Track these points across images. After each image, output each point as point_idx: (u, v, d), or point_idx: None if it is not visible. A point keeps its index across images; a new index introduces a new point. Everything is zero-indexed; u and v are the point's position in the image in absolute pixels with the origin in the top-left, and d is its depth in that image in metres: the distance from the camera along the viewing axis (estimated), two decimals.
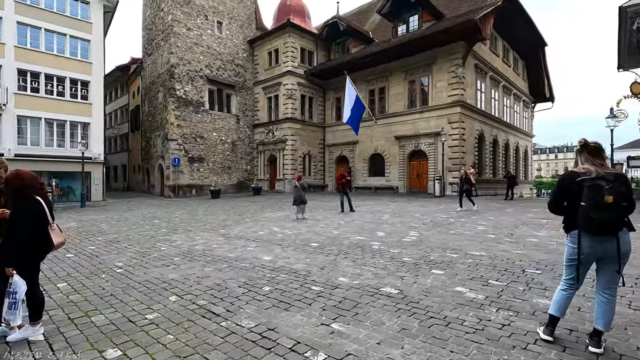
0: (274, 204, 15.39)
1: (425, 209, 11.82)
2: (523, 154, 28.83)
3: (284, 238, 7.13)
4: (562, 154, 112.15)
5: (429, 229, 7.73)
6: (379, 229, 8.00)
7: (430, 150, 20.44)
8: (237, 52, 26.03)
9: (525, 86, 29.26)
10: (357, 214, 10.89)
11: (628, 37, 18.95)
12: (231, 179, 25.51)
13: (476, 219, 9.16)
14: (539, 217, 9.40)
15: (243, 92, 26.45)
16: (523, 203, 14.07)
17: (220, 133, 24.76)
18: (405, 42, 20.26)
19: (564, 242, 5.25)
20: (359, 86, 23.72)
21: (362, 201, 15.55)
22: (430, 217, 9.86)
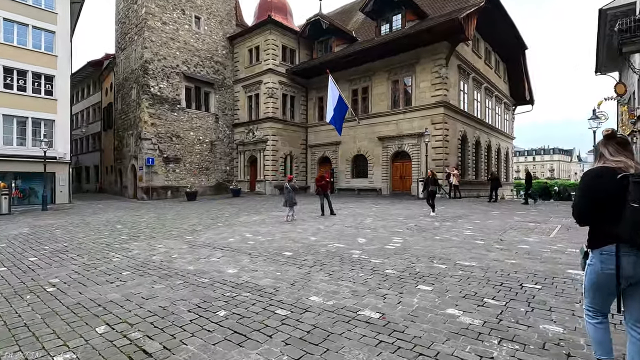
0: (252, 206, 14.63)
1: (409, 212, 11.34)
2: (504, 155, 29.01)
3: (255, 246, 6.43)
4: (540, 157, 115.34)
5: (413, 235, 7.19)
6: (360, 234, 7.41)
7: (413, 152, 20.11)
8: (216, 49, 25.10)
9: (506, 88, 29.48)
10: (338, 218, 10.29)
11: (607, 40, 19.16)
12: (209, 181, 24.53)
13: (463, 223, 8.71)
14: (526, 220, 9.04)
15: (222, 91, 25.52)
16: (507, 205, 13.82)
17: (197, 132, 23.76)
18: (389, 40, 19.88)
19: (557, 250, 4.76)
20: (341, 86, 23.23)
21: (344, 203, 14.99)
22: (415, 220, 9.36)
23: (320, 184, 11.06)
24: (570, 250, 5.46)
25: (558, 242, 6.05)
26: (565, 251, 5.39)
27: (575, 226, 7.85)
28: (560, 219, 9.11)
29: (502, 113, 28.48)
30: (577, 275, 4.11)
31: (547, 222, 8.57)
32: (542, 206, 13.54)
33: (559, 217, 9.68)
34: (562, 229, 7.55)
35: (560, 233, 7.02)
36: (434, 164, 19.24)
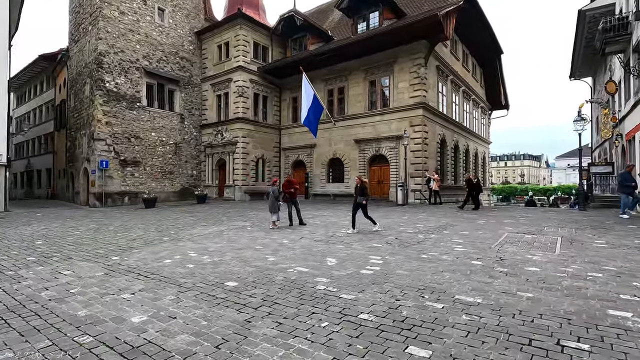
0: (214, 214, 13.02)
1: (389, 221, 10.14)
2: (481, 160, 28.67)
3: (194, 271, 4.95)
4: (511, 162, 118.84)
5: (394, 252, 5.93)
6: (330, 252, 6.07)
7: (391, 155, 19.09)
8: (182, 44, 23.31)
9: (482, 93, 29.24)
10: (307, 229, 8.93)
11: (585, 42, 18.96)
12: (174, 186, 22.58)
13: (449, 235, 7.55)
14: (519, 230, 8.01)
15: (189, 89, 23.71)
16: (491, 212, 12.91)
17: (160, 133, 21.82)
18: (366, 38, 18.85)
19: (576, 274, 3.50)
20: (316, 85, 22.00)
21: (317, 210, 13.65)
22: (395, 232, 8.14)
23: (287, 191, 9.69)
24: (592, 274, 4.34)
25: (570, 263, 4.94)
26: (586, 276, 4.26)
27: (577, 238, 6.85)
28: (556, 229, 8.14)
29: (479, 117, 28.16)
30: (629, 321, 2.93)
31: (543, 233, 7.56)
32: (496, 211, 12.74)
33: (552, 226, 8.73)
34: (564, 242, 6.51)
35: (565, 248, 5.96)
36: (412, 167, 18.31)
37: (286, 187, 9.75)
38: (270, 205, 9.42)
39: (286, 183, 9.85)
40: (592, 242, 6.42)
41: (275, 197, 9.38)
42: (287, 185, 9.78)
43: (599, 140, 20.69)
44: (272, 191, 9.49)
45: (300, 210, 9.86)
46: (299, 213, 9.81)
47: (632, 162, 12.86)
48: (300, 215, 9.82)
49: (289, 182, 9.88)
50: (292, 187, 9.74)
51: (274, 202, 9.38)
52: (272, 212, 9.40)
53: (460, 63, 23.69)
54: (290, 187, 9.73)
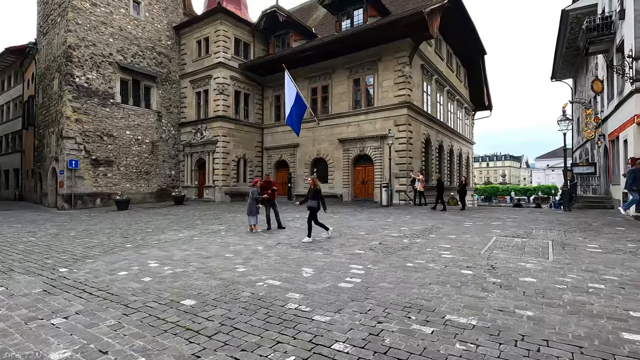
0: (189, 217, 12.28)
1: (372, 223, 9.67)
2: (465, 160, 28.68)
3: (149, 286, 4.32)
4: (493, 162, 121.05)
5: (378, 260, 5.43)
6: (308, 260, 5.52)
7: (376, 155, 18.70)
8: (160, 39, 22.33)
9: (466, 93, 29.27)
10: (286, 233, 8.36)
11: (567, 43, 19.04)
12: (150, 186, 21.58)
13: (436, 239, 7.11)
14: (507, 233, 7.65)
15: (167, 85, 22.74)
16: (476, 213, 12.62)
17: (136, 131, 20.79)
18: (350, 34, 18.38)
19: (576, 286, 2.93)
20: (300, 84, 21.44)
21: (299, 213, 13.07)
22: (379, 236, 7.65)
23: (266, 192, 9.08)
24: (594, 285, 3.93)
25: (567, 271, 4.53)
26: (587, 288, 3.85)
27: (569, 242, 6.52)
28: (545, 232, 7.82)
29: (463, 117, 28.16)
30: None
31: (533, 237, 7.21)
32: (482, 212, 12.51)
33: (540, 228, 8.42)
34: (556, 246, 6.16)
35: (558, 254, 5.59)
36: (397, 168, 17.95)
37: (264, 188, 9.15)
38: (249, 207, 8.84)
39: (264, 184, 9.25)
40: (584, 247, 6.08)
41: (254, 199, 8.78)
42: (265, 186, 9.19)
43: (580, 141, 20.86)
44: (252, 193, 8.88)
45: (279, 213, 9.28)
46: (278, 216, 9.22)
47: (615, 162, 12.81)
48: (279, 219, 9.23)
49: (267, 182, 9.28)
50: (270, 189, 9.16)
51: (252, 204, 8.80)
52: (250, 214, 8.82)
53: (444, 63, 23.55)
54: (268, 189, 9.14)
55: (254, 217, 8.82)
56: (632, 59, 10.01)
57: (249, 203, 8.89)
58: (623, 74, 10.26)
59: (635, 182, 8.76)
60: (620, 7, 11.12)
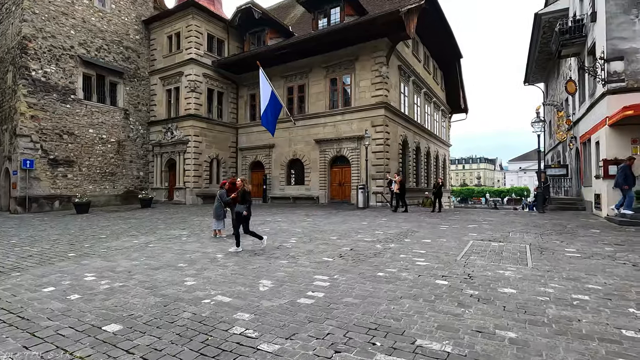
0: (152, 221, 11.43)
1: (346, 227, 9.20)
2: (442, 163, 28.83)
3: (72, 306, 3.63)
4: (468, 165, 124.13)
5: (346, 268, 4.93)
6: (269, 269, 4.96)
7: (353, 156, 18.32)
8: (127, 32, 21.18)
9: (443, 96, 29.48)
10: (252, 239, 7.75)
11: (540, 47, 19.34)
12: (116, 188, 20.36)
13: (410, 244, 6.70)
14: (484, 237, 7.35)
15: (135, 82, 21.59)
16: (453, 216, 12.40)
17: (100, 130, 19.56)
18: (327, 33, 17.97)
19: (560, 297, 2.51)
20: (276, 83, 20.84)
21: (272, 215, 12.46)
22: (351, 241, 7.18)
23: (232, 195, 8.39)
24: (578, 297, 3.57)
25: (548, 280, 4.18)
26: (572, 301, 3.48)
27: (546, 246, 6.25)
28: (522, 235, 7.57)
29: (439, 120, 28.31)
30: None
31: (509, 240, 6.93)
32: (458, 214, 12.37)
33: (516, 231, 8.19)
34: (534, 251, 5.86)
35: (537, 259, 5.27)
36: (374, 169, 17.64)
37: (231, 190, 8.48)
38: (215, 211, 8.20)
39: (230, 186, 8.59)
40: (562, 251, 5.82)
41: (222, 202, 8.14)
42: (232, 188, 8.52)
43: (552, 144, 21.25)
44: (220, 195, 8.22)
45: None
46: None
47: (587, 164, 12.93)
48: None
49: (233, 184, 8.62)
50: (236, 191, 8.49)
51: (219, 207, 8.17)
52: (217, 218, 8.19)
53: (421, 65, 23.53)
54: (234, 191, 8.47)
55: (220, 222, 8.19)
56: (603, 60, 10.03)
57: (215, 206, 8.25)
58: (595, 75, 10.27)
59: (627, 179, 8.66)
60: (592, 9, 11.20)
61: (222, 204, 8.08)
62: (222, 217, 8.12)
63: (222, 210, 8.08)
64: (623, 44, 9.86)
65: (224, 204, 8.11)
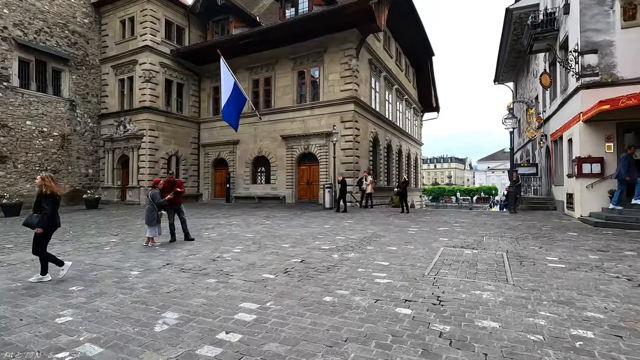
0: (86, 225, 9.90)
1: (305, 231, 8.16)
2: (414, 161, 28.43)
3: None
4: (440, 164, 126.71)
5: (286, 291, 3.88)
6: (185, 295, 3.83)
7: (321, 153, 17.33)
8: (74, 15, 19.12)
9: (415, 94, 29.09)
10: (191, 247, 6.55)
11: (511, 44, 19.12)
12: (60, 187, 18.26)
13: (373, 252, 5.75)
14: (455, 242, 6.53)
15: (83, 70, 19.56)
16: (423, 217, 11.66)
17: (40, 122, 17.47)
18: (294, 21, 16.84)
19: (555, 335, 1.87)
20: (241, 75, 19.54)
21: (228, 218, 11.21)
22: (306, 249, 6.14)
23: (168, 195, 7.13)
24: (580, 334, 2.69)
25: (536, 304, 3.31)
26: (574, 341, 2.59)
27: (525, 253, 5.46)
28: (496, 240, 6.81)
29: (411, 118, 27.87)
30: None
31: (484, 246, 6.13)
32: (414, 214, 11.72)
33: (490, 235, 7.45)
34: (512, 260, 5.05)
35: (517, 272, 4.44)
36: (343, 167, 16.72)
37: (166, 190, 7.21)
38: (147, 215, 6.87)
39: (166, 184, 7.31)
40: (544, 260, 5.05)
41: (154, 204, 6.82)
42: (168, 187, 7.26)
43: (521, 143, 21.19)
44: (151, 196, 6.88)
45: (186, 221, 7.40)
46: (185, 224, 7.34)
47: (558, 162, 12.56)
48: (187, 227, 7.36)
49: (171, 183, 7.36)
50: (173, 190, 7.23)
51: (151, 210, 6.82)
52: (149, 224, 6.85)
53: (393, 61, 22.88)
54: (171, 190, 7.21)
55: (153, 228, 6.86)
56: (577, 53, 9.54)
57: (147, 209, 6.93)
58: (569, 68, 9.78)
59: (630, 168, 8.16)
60: (565, 1, 10.74)
61: (155, 206, 6.79)
62: (155, 223, 6.81)
63: (154, 214, 6.77)
64: (597, 36, 9.40)
65: (157, 206, 6.82)
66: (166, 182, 7.34)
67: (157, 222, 6.86)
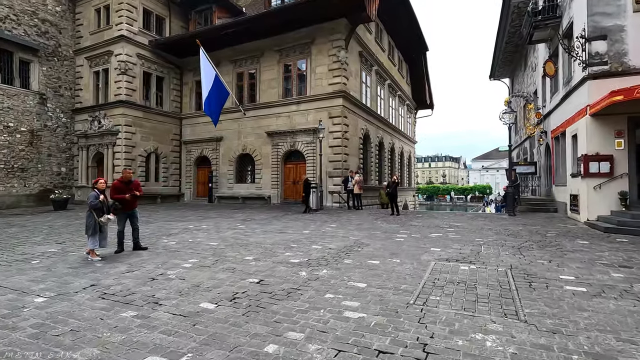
0: (36, 231, 8.78)
1: (279, 238, 7.14)
2: (407, 160, 27.51)
3: None
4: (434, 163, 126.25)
5: (224, 329, 2.87)
6: (97, 327, 2.80)
7: (308, 151, 16.32)
8: (45, 3, 17.84)
9: (409, 90, 28.14)
10: (137, 259, 5.50)
11: (507, 38, 18.24)
12: (29, 187, 17.08)
13: (350, 268, 4.75)
14: (449, 254, 5.56)
15: (55, 62, 18.30)
16: (415, 220, 10.69)
17: (5, 117, 16.20)
18: (279, 9, 15.82)
19: None
20: (224, 68, 18.47)
21: (200, 220, 10.15)
22: (271, 263, 5.13)
23: (118, 196, 6.07)
24: None
25: (560, 351, 2.33)
26: None
27: (532, 270, 4.49)
28: (497, 250, 5.85)
29: (405, 115, 26.94)
30: None
31: (483, 260, 5.17)
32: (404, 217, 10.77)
33: (489, 244, 6.50)
34: (519, 281, 4.08)
35: (528, 300, 3.47)
36: (331, 165, 15.74)
37: (119, 190, 6.13)
38: (86, 222, 5.72)
39: (118, 184, 6.23)
40: (557, 280, 4.09)
41: (95, 208, 5.72)
42: (119, 187, 6.17)
43: (518, 140, 20.34)
44: (90, 200, 5.72)
45: (138, 229, 6.33)
46: (136, 232, 6.28)
47: (560, 160, 11.67)
48: (138, 236, 6.30)
49: (125, 183, 6.26)
50: (129, 191, 6.15)
51: (89, 217, 5.70)
52: (90, 234, 5.67)
53: (386, 55, 21.90)
54: (126, 191, 6.13)
55: (93, 238, 5.68)
56: (584, 39, 8.62)
57: (86, 216, 5.78)
58: (574, 56, 8.84)
59: None
60: None
61: (93, 211, 5.70)
62: (94, 232, 5.69)
63: (91, 221, 5.69)
64: (606, 20, 8.48)
65: (95, 210, 5.72)
66: (119, 181, 6.24)
67: (94, 230, 5.67)
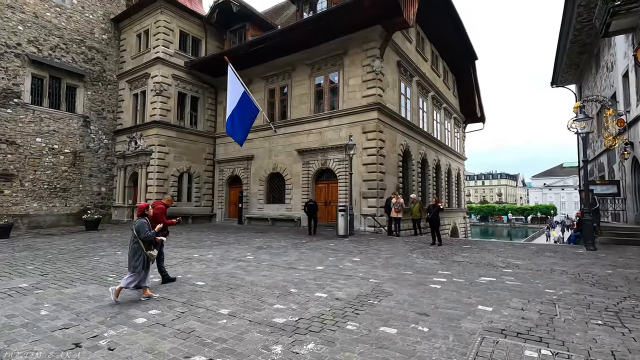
0: (47, 258, 8.31)
1: (282, 278, 5.77)
2: (455, 178, 24.96)
3: None
4: (488, 181, 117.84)
5: None
6: None
7: (340, 169, 14.97)
8: (92, 31, 18.85)
9: (456, 103, 25.88)
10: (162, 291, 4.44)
11: (572, 37, 15.70)
12: (69, 206, 17.59)
13: (349, 345, 3.24)
14: (506, 321, 3.79)
15: (99, 86, 19.12)
16: (461, 253, 8.74)
17: (50, 139, 16.96)
18: (310, 21, 14.93)
19: None
20: (256, 85, 18.03)
21: (211, 247, 9.12)
22: (245, 325, 3.77)
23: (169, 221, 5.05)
24: None
25: None
26: None
27: None
28: (582, 314, 3.95)
29: (452, 129, 24.64)
30: None
31: (560, 333, 3.37)
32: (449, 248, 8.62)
33: (566, 299, 4.57)
34: None
35: None
36: (365, 185, 14.20)
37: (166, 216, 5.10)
38: (132, 255, 4.60)
39: (165, 209, 5.18)
40: None
41: (141, 239, 4.59)
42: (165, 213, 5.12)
43: (592, 154, 17.23)
44: (137, 229, 4.63)
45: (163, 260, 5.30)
46: (162, 262, 5.24)
47: None
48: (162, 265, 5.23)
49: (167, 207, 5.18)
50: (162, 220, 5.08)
51: (138, 250, 4.59)
52: (133, 270, 4.54)
53: (428, 65, 20.19)
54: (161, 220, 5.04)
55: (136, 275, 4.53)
56: None
57: (132, 249, 4.62)
58: None
59: None
60: None
61: (142, 243, 4.61)
62: (143, 268, 4.58)
63: (141, 255, 4.59)
64: None
65: (144, 242, 4.62)
66: (159, 208, 5.26)
67: (144, 266, 4.59)
